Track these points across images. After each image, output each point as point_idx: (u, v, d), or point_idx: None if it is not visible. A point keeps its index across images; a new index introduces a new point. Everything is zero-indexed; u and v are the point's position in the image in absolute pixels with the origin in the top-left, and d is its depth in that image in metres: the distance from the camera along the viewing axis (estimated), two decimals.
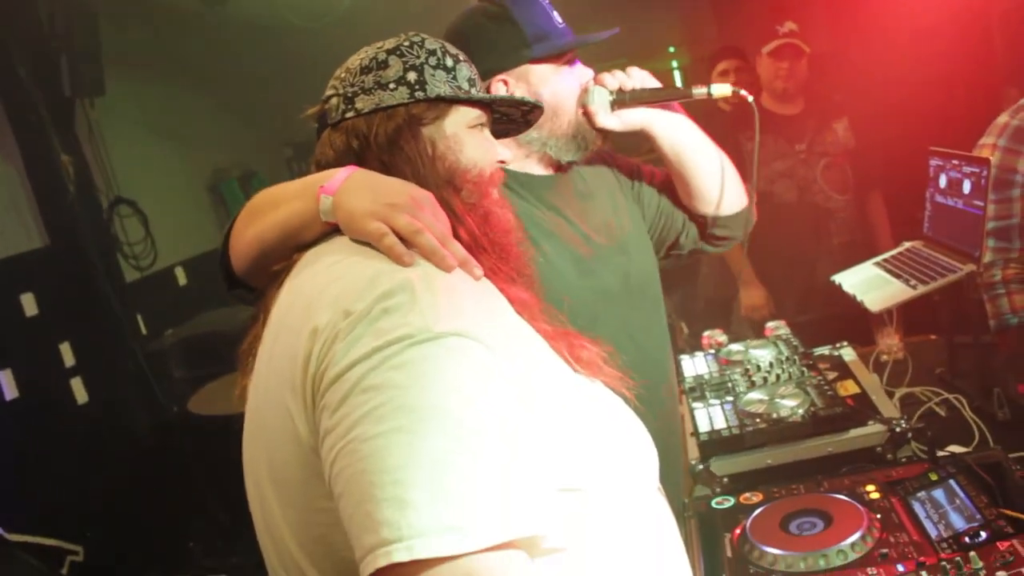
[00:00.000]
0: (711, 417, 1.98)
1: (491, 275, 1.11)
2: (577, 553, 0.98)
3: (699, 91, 1.67)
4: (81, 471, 3.78)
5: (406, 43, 1.17)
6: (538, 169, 1.75)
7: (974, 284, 2.15)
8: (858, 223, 3.42)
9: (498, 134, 1.32)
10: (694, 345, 2.54)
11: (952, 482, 1.51)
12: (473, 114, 1.19)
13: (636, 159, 1.97)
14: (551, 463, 0.95)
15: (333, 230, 1.10)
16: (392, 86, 1.14)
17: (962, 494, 1.47)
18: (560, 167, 1.78)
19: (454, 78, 1.18)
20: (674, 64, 6.56)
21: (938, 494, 1.50)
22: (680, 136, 1.76)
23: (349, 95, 1.15)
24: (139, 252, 4.56)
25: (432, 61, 1.16)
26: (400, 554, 0.78)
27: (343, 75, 1.18)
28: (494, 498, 0.82)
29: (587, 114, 1.69)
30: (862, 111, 3.36)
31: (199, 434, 3.82)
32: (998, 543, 1.29)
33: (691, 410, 2.07)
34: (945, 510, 1.45)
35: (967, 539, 1.35)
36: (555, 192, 1.74)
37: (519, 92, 1.61)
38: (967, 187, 2.10)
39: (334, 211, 1.08)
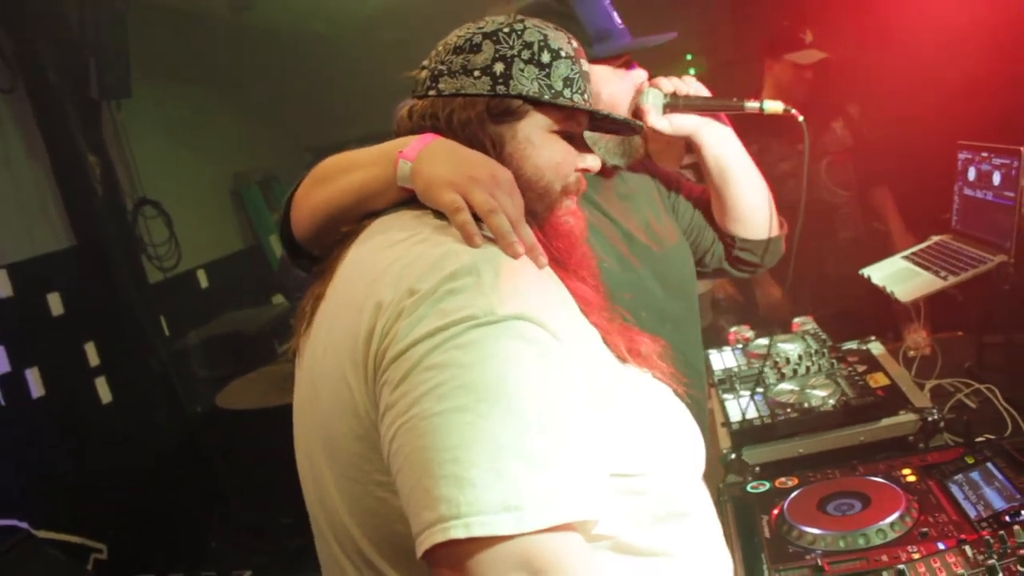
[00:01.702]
0: (742, 408, 1.99)
1: (562, 277, 1.11)
2: (630, 538, 0.99)
3: (751, 105, 1.67)
4: (105, 470, 3.81)
5: (505, 29, 1.11)
6: (592, 161, 1.76)
7: (1005, 278, 2.13)
8: (862, 219, 3.44)
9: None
10: (720, 341, 2.54)
11: (989, 465, 1.52)
12: (550, 120, 1.13)
13: (675, 171, 1.98)
14: (607, 448, 0.96)
15: (405, 199, 1.09)
16: (477, 74, 1.10)
17: (1000, 476, 1.47)
18: (603, 170, 1.79)
19: (546, 76, 1.11)
20: (691, 72, 6.59)
21: (975, 476, 1.50)
22: (725, 148, 1.76)
23: (436, 73, 1.12)
24: (163, 253, 4.59)
25: (525, 55, 1.10)
26: (458, 531, 0.78)
27: (439, 49, 1.14)
28: (552, 480, 0.82)
29: (639, 114, 1.70)
30: (870, 106, 3.36)
31: (225, 431, 3.85)
32: None
33: (721, 401, 2.08)
34: (983, 491, 1.46)
35: (1007, 517, 1.35)
36: (600, 192, 1.75)
37: None
38: (997, 179, 2.11)
39: (412, 177, 1.05)
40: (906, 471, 1.59)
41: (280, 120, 5.90)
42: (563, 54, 1.14)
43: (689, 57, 6.58)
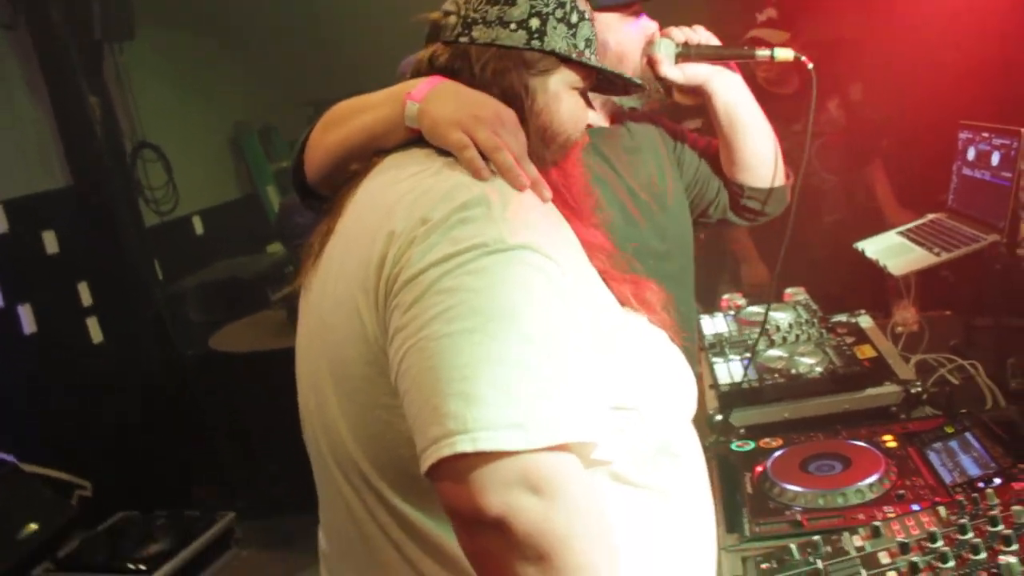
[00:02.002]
0: (731, 371, 2.03)
1: (569, 220, 1.14)
2: (624, 469, 1.02)
3: (763, 53, 1.68)
4: (93, 409, 3.85)
5: None
6: (595, 118, 1.78)
7: (997, 257, 2.16)
8: (847, 202, 3.44)
9: (597, 91, 1.32)
10: (712, 307, 2.57)
11: (968, 435, 1.56)
12: (578, 77, 1.18)
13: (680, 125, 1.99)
14: (607, 380, 0.99)
15: (413, 139, 1.12)
16: (513, 27, 1.12)
17: (977, 445, 1.51)
18: (613, 118, 1.80)
19: (573, 36, 1.16)
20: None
21: (954, 444, 1.55)
22: (736, 96, 1.77)
23: (469, 20, 1.14)
24: (160, 198, 4.60)
25: (559, 13, 1.14)
26: (464, 445, 0.81)
27: None
28: (555, 401, 0.85)
29: (651, 63, 1.70)
30: (868, 84, 3.36)
31: (215, 376, 3.87)
32: (1013, 484, 1.33)
33: (710, 364, 2.11)
34: (960, 459, 1.50)
35: (981, 483, 1.39)
36: (606, 143, 1.76)
37: None
38: (996, 159, 2.13)
39: (419, 117, 1.08)
40: (887, 437, 1.63)
41: (282, 72, 5.86)
42: (587, 16, 1.19)
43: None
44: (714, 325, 2.36)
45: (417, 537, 0.99)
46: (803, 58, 1.67)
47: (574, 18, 1.16)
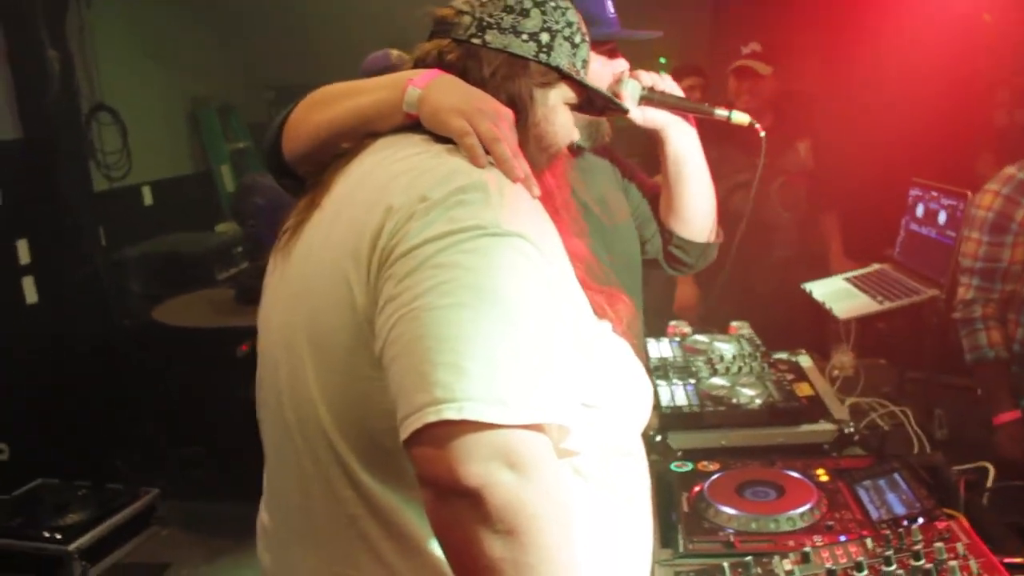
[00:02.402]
0: (673, 395, 2.08)
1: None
2: (585, 464, 1.06)
3: (720, 112, 1.76)
4: (20, 371, 3.73)
5: (552, 3, 1.20)
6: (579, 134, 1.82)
7: (935, 312, 2.26)
8: (799, 241, 3.54)
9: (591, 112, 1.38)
10: (659, 332, 2.63)
11: (896, 475, 1.63)
12: (573, 94, 1.24)
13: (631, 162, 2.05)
14: (581, 377, 1.03)
15: (407, 125, 1.14)
16: (525, 37, 1.17)
17: (904, 486, 1.59)
18: (569, 149, 1.85)
19: (575, 55, 1.22)
20: (662, 74, 6.66)
21: (882, 483, 1.61)
22: (688, 148, 1.84)
23: (484, 23, 1.18)
24: (112, 163, 4.50)
25: (566, 32, 1.20)
26: (450, 412, 0.83)
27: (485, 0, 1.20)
28: (539, 383, 0.88)
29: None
30: (831, 134, 3.48)
31: (150, 349, 3.80)
32: (936, 524, 1.40)
33: (654, 386, 2.15)
34: (887, 497, 1.57)
35: (906, 521, 1.46)
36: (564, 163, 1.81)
37: None
38: (942, 218, 2.23)
39: (419, 103, 1.11)
40: (820, 471, 1.69)
41: (247, 52, 5.80)
42: (587, 40, 1.26)
43: (663, 60, 6.69)
44: (660, 349, 2.41)
45: (377, 514, 1.00)
46: (756, 124, 1.74)
47: (577, 39, 1.23)
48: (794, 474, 1.66)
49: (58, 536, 2.91)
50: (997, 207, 2.32)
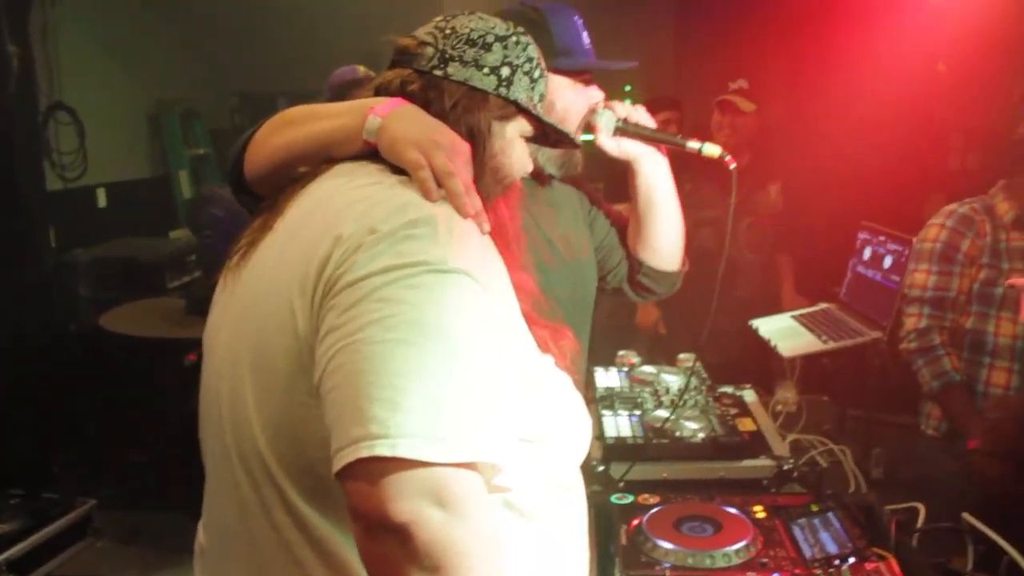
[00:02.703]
0: (618, 425, 2.09)
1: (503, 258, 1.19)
2: (518, 499, 1.07)
3: (692, 145, 1.77)
4: None
5: (514, 39, 1.24)
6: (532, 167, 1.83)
7: (877, 353, 2.31)
8: (760, 280, 3.61)
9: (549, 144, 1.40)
10: (607, 361, 2.64)
11: (831, 514, 1.65)
12: (530, 127, 1.27)
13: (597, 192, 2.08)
14: (520, 412, 1.04)
15: (365, 152, 1.15)
16: (486, 71, 1.20)
17: (838, 525, 1.61)
18: (538, 177, 1.87)
19: (533, 90, 1.25)
20: (628, 103, 6.75)
21: (816, 522, 1.64)
22: (659, 179, 1.87)
23: (446, 56, 1.20)
24: (68, 163, 4.43)
25: (526, 67, 1.23)
26: (383, 449, 0.84)
27: (448, 32, 1.22)
28: (474, 421, 0.90)
29: (591, 130, 1.78)
30: (798, 177, 3.55)
31: (96, 355, 3.73)
32: (866, 564, 1.42)
33: (599, 416, 2.17)
34: (821, 536, 1.59)
35: (838, 560, 1.49)
36: (531, 196, 1.82)
37: None
38: (888, 262, 2.29)
39: (379, 132, 1.13)
40: (757, 508, 1.71)
41: (214, 57, 5.78)
42: (545, 75, 1.29)
43: (628, 88, 6.77)
44: (607, 379, 2.42)
45: (312, 540, 1.00)
46: (728, 157, 1.76)
47: (536, 74, 1.26)
48: (732, 510, 1.68)
49: None
50: (943, 238, 2.41)
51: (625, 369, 2.53)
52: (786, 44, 4.60)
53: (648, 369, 2.50)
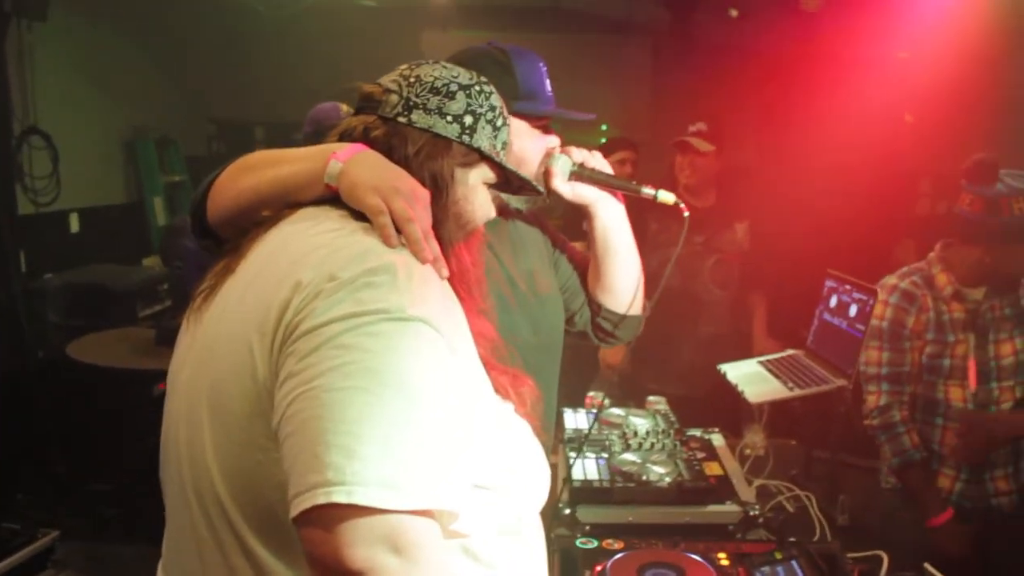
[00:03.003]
0: (585, 468, 2.10)
1: (461, 304, 1.20)
2: (475, 545, 1.07)
3: (647, 191, 1.79)
4: None
5: (477, 87, 1.26)
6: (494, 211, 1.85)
7: (842, 401, 2.34)
8: (729, 318, 3.62)
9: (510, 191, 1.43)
10: (577, 402, 2.65)
11: (793, 563, 1.67)
12: (492, 174, 1.29)
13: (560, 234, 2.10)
14: (475, 459, 1.05)
15: (327, 197, 1.16)
16: (450, 119, 1.21)
17: (801, 574, 1.62)
18: (501, 212, 1.89)
19: (495, 137, 1.27)
20: (603, 141, 6.85)
21: (780, 570, 1.65)
22: (615, 224, 1.88)
23: (410, 103, 1.21)
24: (40, 188, 4.41)
25: (489, 116, 1.25)
26: (339, 496, 0.85)
27: (412, 80, 1.23)
28: (431, 468, 0.91)
29: (546, 174, 1.80)
30: (767, 219, 3.59)
31: (63, 382, 3.68)
32: None
33: (567, 458, 2.17)
34: None
35: None
36: (495, 234, 1.84)
37: None
38: (853, 311, 2.33)
39: (339, 177, 1.14)
40: (721, 555, 1.72)
41: (192, 84, 5.79)
42: (508, 124, 1.32)
43: (605, 127, 6.86)
44: (576, 420, 2.43)
45: None
46: (681, 204, 1.79)
47: (499, 122, 1.28)
48: (695, 557, 1.69)
49: None
50: (889, 316, 2.43)
51: (594, 411, 2.54)
52: (759, 89, 4.69)
53: (616, 411, 2.50)
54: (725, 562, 1.70)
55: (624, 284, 1.94)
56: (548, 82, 1.79)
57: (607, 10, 6.08)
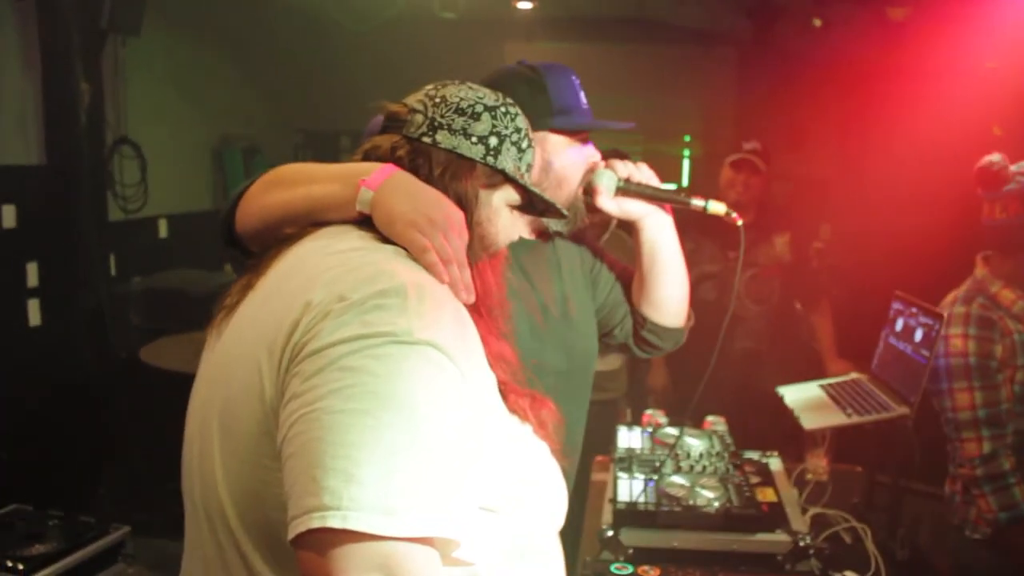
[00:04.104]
0: (632, 489, 2.06)
1: (479, 328, 1.17)
2: (482, 569, 1.06)
3: (697, 203, 1.75)
4: (11, 392, 3.77)
5: (503, 109, 1.25)
6: (524, 232, 1.82)
7: (902, 429, 2.23)
8: (765, 334, 3.56)
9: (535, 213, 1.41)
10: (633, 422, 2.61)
11: None
12: (517, 196, 1.28)
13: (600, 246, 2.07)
14: (483, 482, 1.04)
15: (352, 219, 1.17)
16: (475, 140, 1.21)
17: None
18: (541, 235, 1.87)
19: (520, 159, 1.27)
20: (686, 153, 6.76)
21: None
22: (663, 238, 1.84)
23: (435, 124, 1.22)
24: (130, 195, 4.60)
25: (514, 137, 1.25)
26: (334, 520, 0.85)
27: (438, 100, 1.23)
28: (430, 495, 0.90)
29: (590, 192, 1.77)
30: (848, 228, 3.50)
31: (145, 383, 3.82)
32: None
33: (615, 478, 2.14)
34: None
35: None
36: (531, 257, 1.82)
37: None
38: (919, 335, 2.22)
39: (372, 206, 1.14)
40: None
41: (278, 94, 5.95)
42: (533, 145, 1.31)
43: (687, 139, 6.77)
44: (629, 439, 2.39)
45: None
46: (734, 214, 1.75)
47: (524, 144, 1.27)
48: None
49: (20, 567, 2.90)
50: (973, 350, 2.24)
51: (649, 430, 2.50)
52: (843, 100, 4.55)
53: (672, 431, 2.46)
54: None
55: (671, 297, 1.90)
56: (583, 94, 1.77)
57: (691, 21, 6.00)
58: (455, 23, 5.45)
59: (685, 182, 6.62)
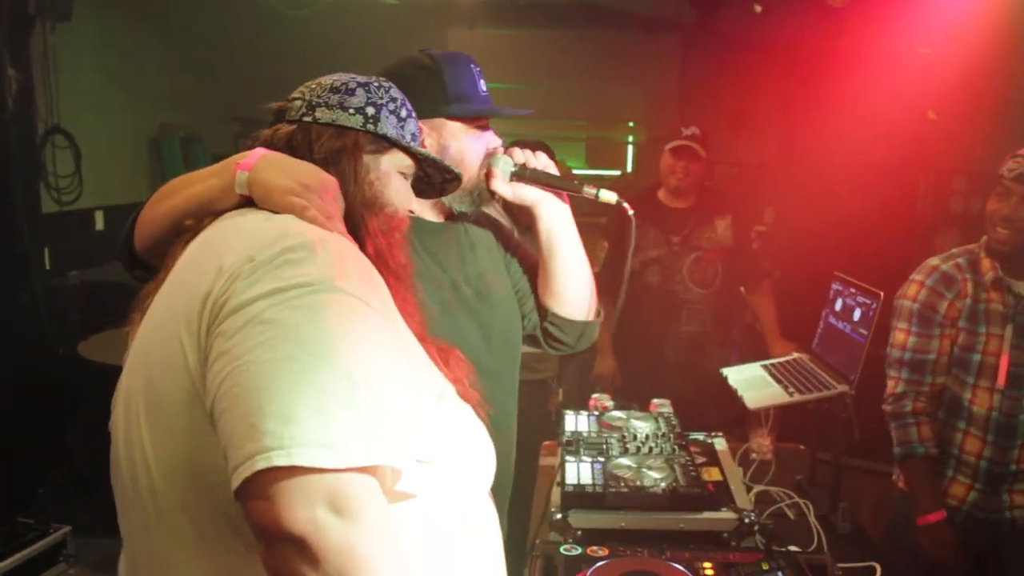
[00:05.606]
0: (580, 472, 2.07)
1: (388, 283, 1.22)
2: (414, 512, 1.09)
3: (589, 191, 1.78)
4: None
5: (375, 83, 1.33)
6: (430, 215, 1.85)
7: (843, 406, 2.28)
8: (710, 316, 3.59)
9: (415, 192, 1.46)
10: (579, 407, 2.62)
11: (780, 574, 1.63)
12: (406, 162, 1.35)
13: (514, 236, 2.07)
14: (412, 428, 1.07)
15: (244, 203, 1.21)
16: (352, 111, 1.29)
17: None
18: (450, 216, 1.87)
19: (402, 128, 1.34)
20: (630, 139, 6.81)
21: None
22: (559, 225, 1.85)
23: (313, 104, 1.29)
24: (64, 186, 4.47)
25: (391, 107, 1.32)
26: (280, 459, 0.87)
27: (313, 86, 1.32)
28: (365, 428, 0.93)
29: (487, 176, 1.80)
30: (784, 216, 3.55)
31: (83, 379, 3.73)
32: None
33: (563, 462, 2.15)
34: None
35: None
36: (438, 240, 1.83)
37: (430, 141, 1.72)
38: (857, 315, 2.27)
39: (250, 185, 1.20)
40: (707, 564, 1.69)
41: (216, 82, 5.82)
42: (413, 116, 1.39)
43: (631, 124, 6.82)
44: (576, 423, 2.40)
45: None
46: (625, 203, 1.78)
47: (403, 113, 1.35)
48: (679, 567, 1.66)
49: None
50: (922, 298, 2.33)
51: (596, 413, 2.51)
52: (783, 84, 4.62)
53: (618, 414, 2.47)
54: (710, 571, 1.67)
55: (571, 287, 1.91)
56: (483, 82, 1.79)
57: (634, 7, 6.04)
58: (398, 9, 5.40)
59: (629, 168, 6.67)
